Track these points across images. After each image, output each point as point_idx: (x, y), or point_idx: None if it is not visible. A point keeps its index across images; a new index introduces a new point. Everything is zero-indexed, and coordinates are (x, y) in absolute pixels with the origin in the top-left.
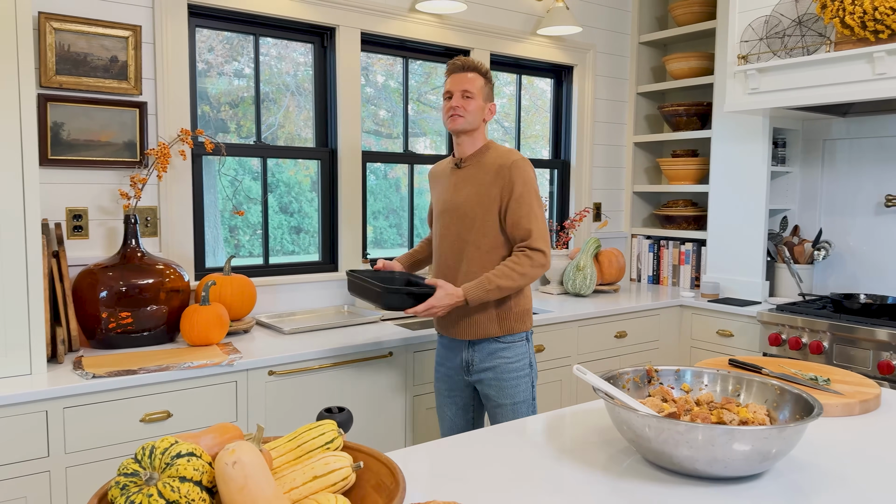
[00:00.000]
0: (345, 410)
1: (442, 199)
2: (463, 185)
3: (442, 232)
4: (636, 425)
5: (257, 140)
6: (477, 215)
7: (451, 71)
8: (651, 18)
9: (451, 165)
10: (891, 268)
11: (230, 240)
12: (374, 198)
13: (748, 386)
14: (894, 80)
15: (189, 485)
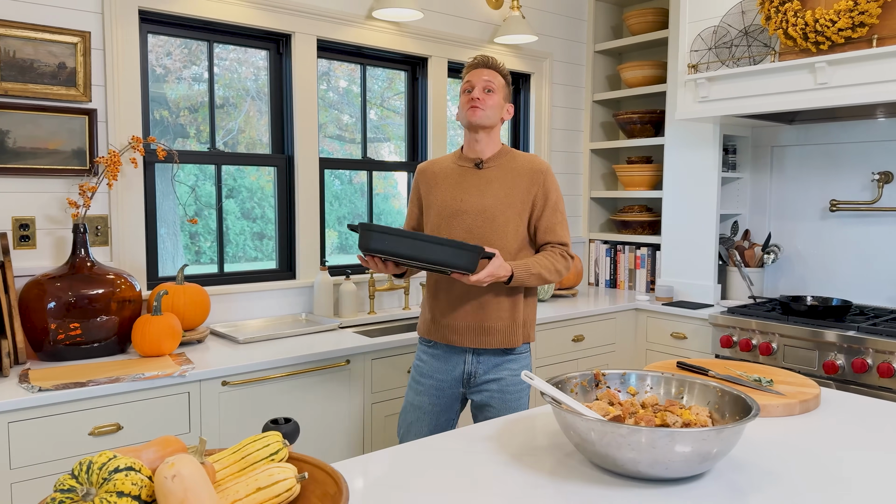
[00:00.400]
0: (291, 421)
1: (456, 199)
2: (488, 187)
3: (457, 235)
4: (581, 429)
5: (211, 147)
6: (509, 219)
7: (472, 66)
8: (606, 28)
9: (464, 165)
10: (837, 270)
11: (191, 247)
12: (340, 203)
13: (691, 388)
14: (835, 89)
15: (127, 499)
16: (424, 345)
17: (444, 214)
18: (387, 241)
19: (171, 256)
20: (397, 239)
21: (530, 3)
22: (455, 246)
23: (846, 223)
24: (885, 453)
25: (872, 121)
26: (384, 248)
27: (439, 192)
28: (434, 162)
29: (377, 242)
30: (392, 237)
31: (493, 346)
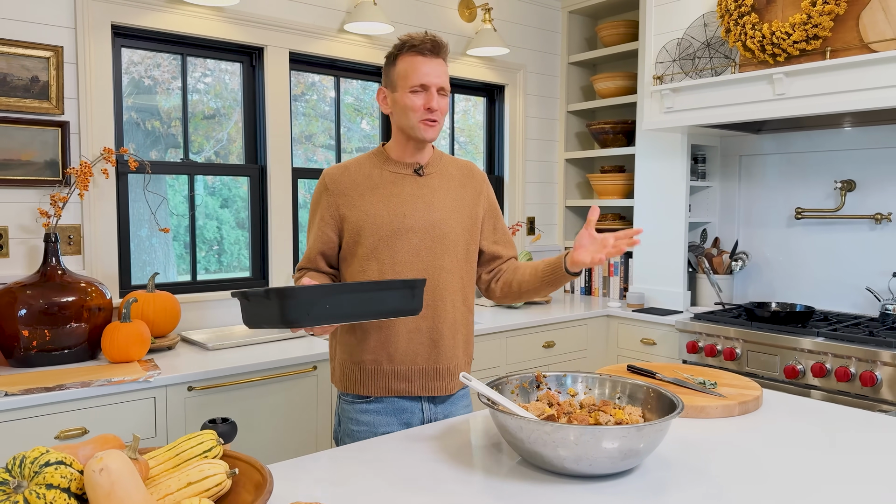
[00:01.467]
0: (228, 421)
1: (397, 214)
2: (434, 197)
3: (402, 259)
4: (512, 427)
5: (185, 157)
6: (459, 235)
7: (419, 51)
8: (580, 39)
9: (398, 172)
10: (802, 276)
11: (185, 256)
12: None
13: (625, 389)
14: (793, 100)
15: (56, 491)
16: (358, 402)
17: (383, 234)
18: (314, 308)
19: (162, 267)
20: (329, 300)
21: (504, 16)
22: (405, 287)
23: (811, 230)
24: (809, 450)
25: (836, 130)
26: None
27: (369, 205)
28: (347, 168)
29: (298, 312)
30: (318, 300)
31: (451, 392)
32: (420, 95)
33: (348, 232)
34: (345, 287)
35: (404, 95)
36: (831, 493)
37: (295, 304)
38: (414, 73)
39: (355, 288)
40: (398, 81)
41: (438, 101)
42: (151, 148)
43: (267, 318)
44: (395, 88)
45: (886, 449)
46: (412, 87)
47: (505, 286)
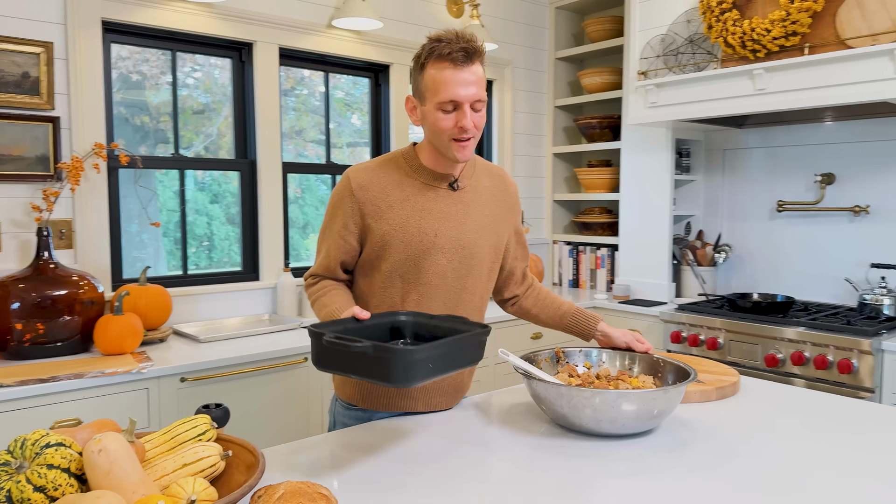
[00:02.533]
0: (221, 406)
1: (428, 231)
2: (467, 215)
3: (427, 281)
4: (551, 395)
5: (175, 152)
6: (485, 256)
7: (450, 59)
8: (567, 35)
9: (431, 184)
10: (784, 268)
11: (175, 252)
12: (316, 208)
13: (639, 361)
14: (773, 95)
15: (56, 471)
16: (355, 410)
17: (411, 253)
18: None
19: (153, 261)
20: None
21: (491, 11)
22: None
23: (792, 223)
24: (785, 431)
25: (816, 125)
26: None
27: (398, 219)
28: (374, 171)
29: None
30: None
31: (453, 405)
32: (451, 115)
33: (372, 243)
34: (447, 345)
35: (433, 112)
36: (805, 470)
37: (404, 366)
38: (444, 88)
39: (454, 345)
40: (426, 93)
41: (473, 118)
42: (140, 143)
43: (358, 369)
44: (424, 101)
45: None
46: (441, 105)
47: (521, 312)
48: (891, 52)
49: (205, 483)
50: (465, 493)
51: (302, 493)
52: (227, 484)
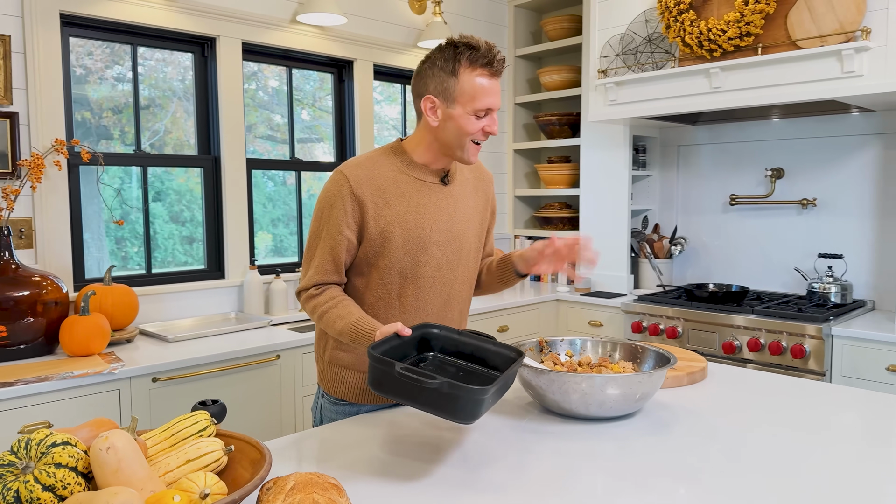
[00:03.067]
0: (218, 402)
1: (424, 226)
2: (456, 208)
3: (425, 274)
4: (541, 381)
5: (137, 148)
6: (472, 245)
7: (491, 71)
8: (526, 33)
9: (423, 179)
10: (737, 259)
11: (116, 252)
12: (274, 205)
13: (618, 349)
14: (728, 93)
15: (65, 470)
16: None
17: (409, 248)
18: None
19: (96, 261)
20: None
21: (453, 9)
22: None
23: (744, 216)
24: (756, 409)
25: (766, 122)
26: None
27: (395, 215)
28: (367, 167)
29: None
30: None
31: None
32: (481, 120)
33: (369, 240)
34: (506, 378)
35: (465, 116)
36: (777, 443)
37: (473, 405)
38: (483, 96)
39: (508, 377)
40: (460, 98)
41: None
42: (83, 140)
43: (422, 400)
44: (453, 104)
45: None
46: (477, 111)
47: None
48: (838, 53)
49: (215, 477)
50: (467, 480)
51: (314, 484)
52: (231, 478)
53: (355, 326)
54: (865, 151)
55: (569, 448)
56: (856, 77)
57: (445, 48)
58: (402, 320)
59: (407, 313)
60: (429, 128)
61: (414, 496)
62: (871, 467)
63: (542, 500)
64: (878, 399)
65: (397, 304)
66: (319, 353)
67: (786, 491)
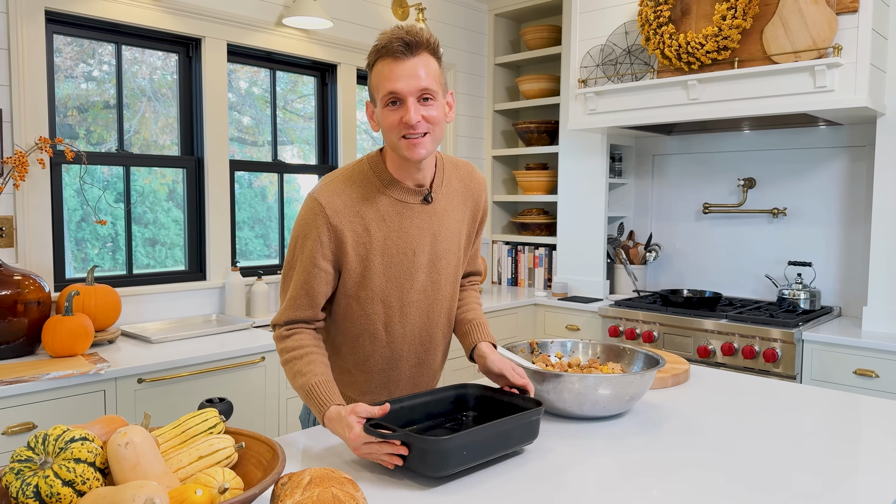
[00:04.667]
0: (225, 400)
1: (407, 252)
2: (441, 227)
3: (410, 300)
4: (535, 380)
5: (119, 148)
6: (458, 262)
7: (387, 54)
8: (506, 42)
9: (404, 201)
10: (710, 266)
11: (77, 254)
12: (239, 207)
13: (607, 351)
14: (705, 104)
15: (84, 465)
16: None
17: (392, 275)
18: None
19: (68, 262)
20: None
21: (435, 16)
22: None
23: (717, 224)
24: (741, 408)
25: (738, 133)
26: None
27: (377, 242)
28: (344, 192)
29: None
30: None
31: None
32: (396, 110)
33: (349, 271)
34: (484, 431)
35: (382, 111)
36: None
37: (437, 457)
38: (385, 82)
39: (493, 429)
40: (375, 94)
41: (418, 110)
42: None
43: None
44: (375, 102)
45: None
46: (384, 100)
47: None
48: (811, 68)
49: (232, 472)
50: (465, 478)
51: (330, 478)
52: (242, 475)
53: (313, 390)
54: (833, 163)
55: (562, 446)
56: (827, 92)
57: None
58: (388, 350)
59: (394, 342)
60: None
61: (416, 493)
62: (842, 461)
63: (536, 496)
64: (848, 399)
65: (384, 334)
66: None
67: (772, 482)
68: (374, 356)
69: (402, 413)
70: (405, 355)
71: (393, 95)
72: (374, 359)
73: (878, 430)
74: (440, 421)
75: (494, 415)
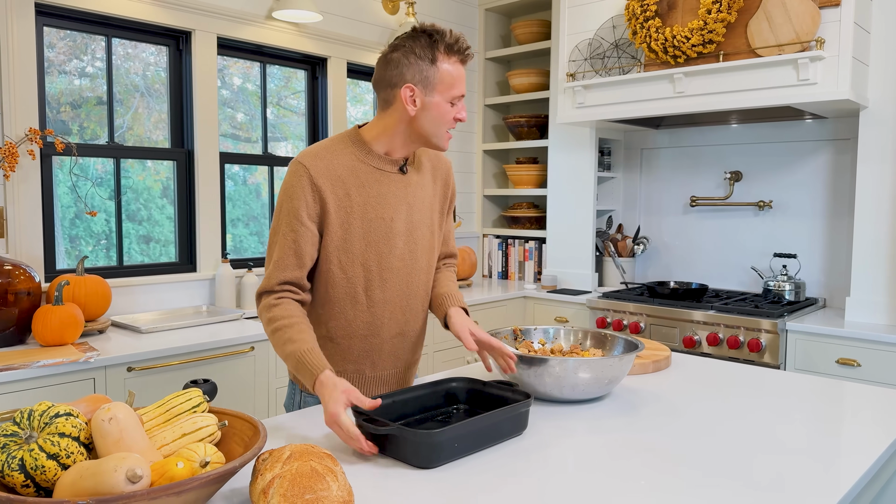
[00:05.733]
0: (209, 381)
1: (385, 217)
2: (414, 197)
3: (389, 265)
4: (517, 365)
5: (110, 140)
6: (432, 234)
7: (463, 59)
8: (496, 36)
9: (382, 168)
10: (697, 258)
11: (71, 251)
12: (233, 204)
13: (589, 337)
14: (691, 97)
15: (68, 440)
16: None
17: (371, 239)
18: (445, 452)
19: (59, 256)
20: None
21: (425, 11)
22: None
23: (704, 217)
24: (718, 391)
25: (725, 126)
26: (442, 459)
27: (356, 206)
28: (324, 157)
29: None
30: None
31: (411, 383)
32: (455, 107)
33: (331, 233)
34: (474, 424)
35: (443, 104)
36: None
37: (429, 450)
38: (459, 84)
39: (483, 422)
40: (438, 86)
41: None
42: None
43: (394, 450)
44: (431, 92)
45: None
46: (454, 98)
47: None
48: (794, 61)
49: (214, 448)
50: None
51: (309, 453)
52: (225, 452)
53: (304, 356)
54: (818, 156)
55: (543, 427)
56: (810, 85)
57: (418, 36)
58: (369, 315)
59: (375, 307)
60: (400, 117)
61: (400, 471)
62: (822, 442)
63: (516, 476)
64: (826, 384)
65: (364, 298)
66: None
67: (748, 465)
68: (355, 321)
69: (395, 407)
70: (385, 322)
71: (460, 97)
72: (355, 324)
73: (850, 415)
74: (432, 414)
75: (485, 407)
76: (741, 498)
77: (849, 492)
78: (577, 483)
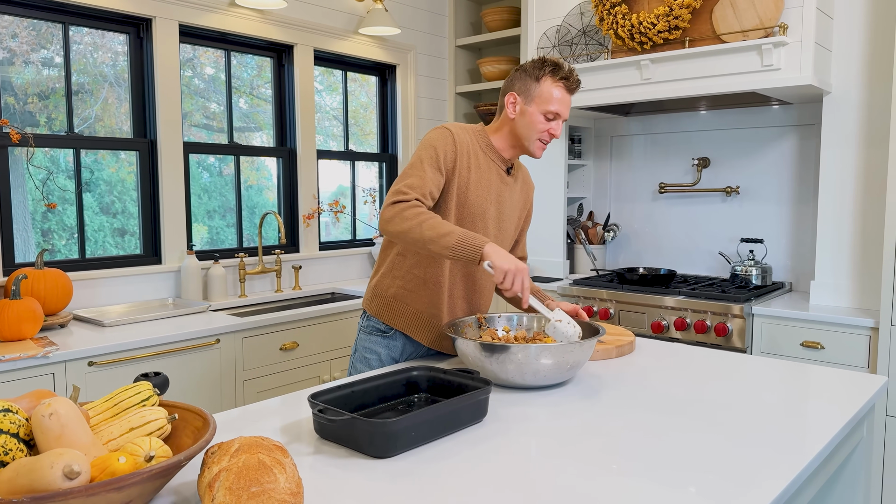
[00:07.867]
0: (160, 374)
1: (487, 199)
2: (510, 196)
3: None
4: (479, 353)
5: (69, 131)
6: (513, 234)
7: (567, 86)
8: (466, 23)
9: (497, 163)
10: (665, 244)
11: (43, 245)
12: (209, 196)
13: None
14: (657, 84)
15: (6, 437)
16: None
17: (471, 212)
18: (401, 441)
19: (21, 253)
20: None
21: None
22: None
23: (672, 203)
24: (682, 373)
25: (693, 113)
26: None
27: (470, 181)
28: (466, 134)
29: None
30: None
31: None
32: (548, 123)
33: (446, 193)
34: (431, 412)
35: (537, 114)
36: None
37: (385, 439)
38: (555, 102)
39: (440, 410)
40: (537, 99)
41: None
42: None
43: (344, 439)
44: (530, 102)
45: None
46: (547, 113)
47: None
48: (758, 47)
49: (160, 441)
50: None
51: (258, 445)
52: (174, 447)
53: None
54: (784, 142)
55: (505, 413)
56: (774, 70)
57: (536, 60)
58: (450, 287)
59: (455, 278)
60: (507, 119)
61: (353, 464)
62: (783, 422)
63: (478, 463)
64: (787, 367)
65: (450, 265)
66: (382, 289)
67: (707, 448)
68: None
69: (354, 397)
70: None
71: (555, 115)
72: (442, 277)
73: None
74: (393, 403)
75: (447, 396)
76: (700, 479)
77: (807, 466)
78: (536, 468)
